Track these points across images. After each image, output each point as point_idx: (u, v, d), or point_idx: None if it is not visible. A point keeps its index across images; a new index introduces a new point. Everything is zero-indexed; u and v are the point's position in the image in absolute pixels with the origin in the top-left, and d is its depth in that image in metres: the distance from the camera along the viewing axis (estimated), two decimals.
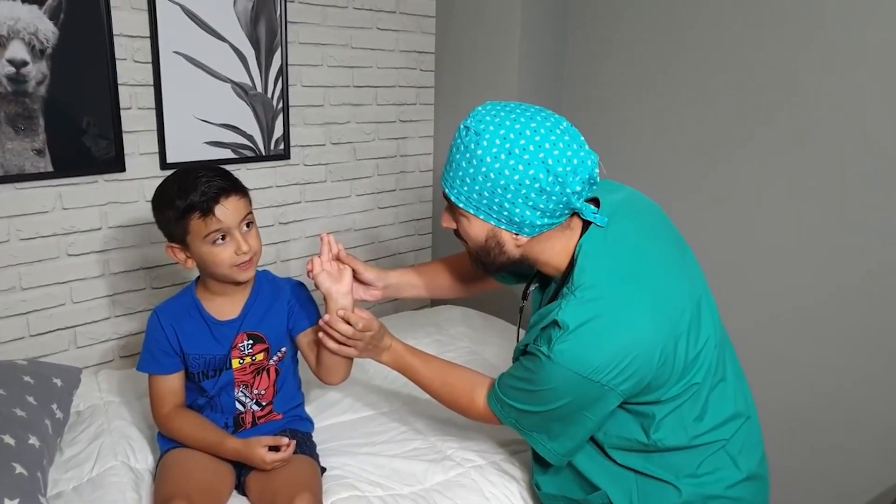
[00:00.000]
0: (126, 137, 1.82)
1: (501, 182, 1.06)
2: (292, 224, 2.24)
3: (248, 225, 1.33)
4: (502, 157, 1.05)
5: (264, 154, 2.11)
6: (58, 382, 1.49)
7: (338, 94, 2.26)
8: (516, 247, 1.15)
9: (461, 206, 1.13)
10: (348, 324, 1.25)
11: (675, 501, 1.16)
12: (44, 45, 1.64)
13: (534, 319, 1.17)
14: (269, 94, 2.08)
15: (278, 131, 2.13)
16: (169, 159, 1.90)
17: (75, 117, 1.72)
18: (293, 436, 1.42)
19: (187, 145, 1.94)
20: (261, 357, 1.40)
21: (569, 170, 1.05)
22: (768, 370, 1.88)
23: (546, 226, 1.11)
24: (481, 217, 1.12)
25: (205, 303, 1.39)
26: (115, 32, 1.75)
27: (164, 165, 1.90)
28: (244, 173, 2.03)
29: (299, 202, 2.25)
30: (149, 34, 1.81)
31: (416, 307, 2.51)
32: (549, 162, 1.04)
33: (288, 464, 1.33)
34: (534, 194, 1.06)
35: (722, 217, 1.95)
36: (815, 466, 1.85)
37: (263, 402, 1.43)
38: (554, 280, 1.23)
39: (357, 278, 1.40)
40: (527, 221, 1.09)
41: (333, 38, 2.21)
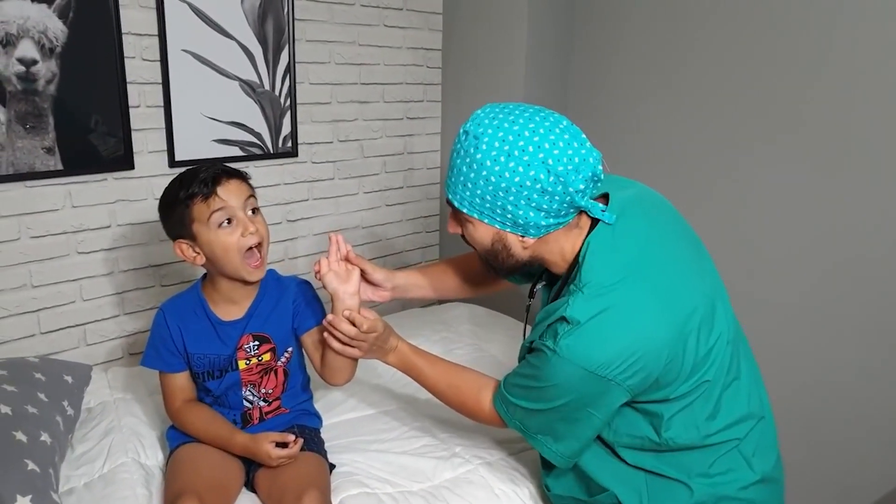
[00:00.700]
0: (134, 135, 1.83)
1: (502, 185, 1.05)
2: (300, 221, 2.24)
3: (253, 211, 1.33)
4: (502, 159, 1.04)
5: (272, 152, 2.12)
6: (69, 379, 1.50)
7: (345, 92, 2.26)
8: (523, 249, 1.15)
9: (465, 211, 1.12)
10: (353, 325, 1.25)
11: (687, 501, 1.15)
12: (53, 44, 1.64)
13: (540, 316, 1.17)
14: (277, 92, 2.08)
15: (286, 129, 2.13)
16: (177, 157, 1.91)
17: (84, 115, 1.73)
18: (301, 432, 1.43)
19: (195, 143, 1.94)
20: (268, 357, 1.40)
21: (570, 168, 1.04)
22: (775, 369, 1.87)
23: (552, 226, 1.10)
24: (486, 221, 1.12)
25: (210, 302, 1.38)
26: (123, 31, 1.75)
27: (172, 163, 1.90)
28: (252, 171, 2.01)
29: (307, 200, 2.25)
30: (157, 32, 1.81)
31: (423, 305, 2.52)
32: (550, 162, 1.03)
33: (296, 461, 1.33)
34: (536, 195, 1.05)
35: (727, 216, 1.94)
36: (822, 465, 1.84)
37: (271, 399, 1.43)
38: (561, 278, 1.22)
39: (365, 279, 1.39)
40: (531, 223, 1.09)
41: (340, 35, 2.21)
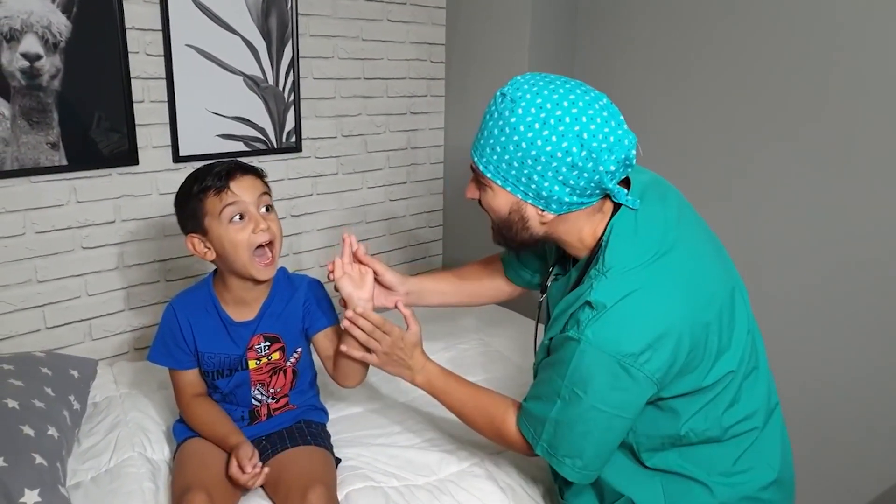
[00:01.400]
0: (139, 131, 1.83)
1: (532, 153, 1.02)
2: (304, 217, 2.24)
3: (267, 208, 1.32)
4: (536, 126, 1.01)
5: (276, 147, 2.11)
6: (75, 374, 1.50)
7: (349, 87, 2.26)
8: (541, 224, 1.12)
9: (488, 175, 1.09)
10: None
11: (709, 502, 1.13)
12: (57, 39, 1.64)
13: (560, 308, 1.14)
14: (281, 87, 2.08)
15: (290, 124, 2.13)
16: (181, 152, 1.90)
17: (89, 111, 1.72)
18: (308, 426, 1.44)
19: (200, 138, 1.94)
20: (277, 356, 1.40)
21: (604, 147, 1.01)
22: (778, 365, 1.86)
23: (575, 205, 1.07)
24: (508, 189, 1.08)
25: (222, 301, 1.38)
26: (127, 26, 1.75)
27: (176, 158, 1.90)
28: (256, 166, 2.03)
29: (311, 195, 2.25)
30: (161, 27, 1.81)
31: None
32: (584, 136, 1.00)
33: (302, 455, 1.34)
34: (565, 168, 1.02)
35: (733, 214, 1.94)
36: (824, 461, 1.84)
37: (279, 396, 1.43)
38: (575, 268, 1.19)
39: (377, 280, 1.36)
40: (554, 197, 1.06)
41: (344, 30, 2.20)
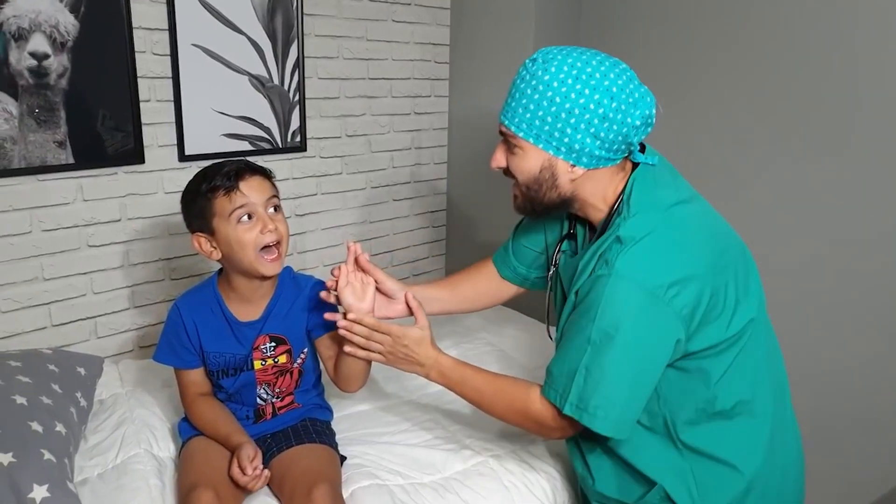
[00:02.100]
0: (145, 130, 1.83)
1: (567, 105, 1.08)
2: (308, 216, 2.25)
3: (275, 209, 1.32)
4: (569, 81, 1.08)
5: (281, 146, 2.12)
6: (81, 371, 1.51)
7: (353, 87, 2.27)
8: (570, 181, 1.15)
9: (521, 134, 1.13)
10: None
11: (739, 485, 1.16)
12: (65, 38, 1.65)
13: (584, 261, 1.16)
14: (286, 87, 2.09)
15: (295, 123, 2.13)
16: (187, 151, 1.91)
17: (95, 109, 1.73)
18: (313, 424, 1.44)
19: (205, 138, 1.95)
20: (284, 360, 1.40)
21: (630, 101, 1.08)
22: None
23: (602, 160, 1.12)
24: (540, 146, 1.13)
25: (227, 301, 1.38)
26: (134, 25, 1.76)
27: (182, 157, 1.91)
28: (264, 166, 2.04)
29: (315, 194, 2.26)
30: (167, 27, 1.82)
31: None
32: (614, 90, 1.08)
33: (308, 453, 1.35)
34: (597, 120, 1.08)
35: (733, 215, 1.93)
36: (825, 462, 1.84)
37: (283, 395, 1.44)
38: (594, 230, 1.23)
39: (378, 288, 1.35)
40: (586, 150, 1.11)
41: (349, 30, 2.21)
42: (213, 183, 1.27)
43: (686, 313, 1.07)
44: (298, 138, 2.16)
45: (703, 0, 1.95)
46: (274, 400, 1.43)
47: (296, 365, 1.42)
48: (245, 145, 2.04)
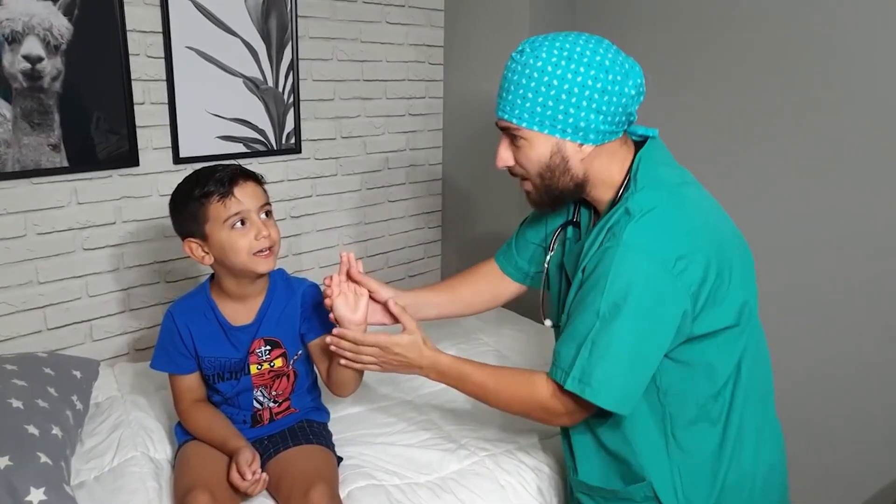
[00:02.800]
0: (139, 132, 1.83)
1: (565, 87, 1.09)
2: (304, 218, 2.25)
3: (267, 214, 1.32)
4: (563, 63, 1.09)
5: (276, 148, 2.12)
6: (77, 374, 1.51)
7: (348, 89, 2.27)
8: (580, 161, 1.16)
9: (524, 124, 1.13)
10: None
11: (717, 489, 1.17)
12: (58, 41, 1.65)
13: (592, 237, 1.16)
14: (281, 89, 2.09)
15: (289, 125, 2.14)
16: (182, 154, 1.91)
17: (89, 112, 1.73)
18: (310, 426, 1.44)
19: (200, 140, 1.95)
20: (279, 363, 1.40)
21: (623, 72, 1.11)
22: (775, 361, 1.88)
23: (608, 133, 1.13)
24: (546, 132, 1.13)
25: (220, 305, 1.38)
26: (128, 28, 1.76)
27: (176, 160, 1.91)
28: (256, 168, 2.04)
29: (310, 196, 2.26)
30: (161, 29, 1.82)
31: None
32: (606, 63, 1.10)
33: (304, 454, 1.35)
34: (597, 95, 1.09)
35: (732, 213, 1.95)
36: (821, 458, 1.85)
37: (280, 400, 1.44)
38: (603, 210, 1.23)
39: (373, 297, 1.34)
40: (591, 126, 1.12)
41: (343, 32, 2.22)
42: (207, 188, 1.26)
43: (694, 289, 1.07)
44: (293, 140, 2.16)
45: (699, 4, 1.96)
46: (271, 405, 1.43)
47: (290, 366, 1.42)
48: (240, 147, 2.04)
